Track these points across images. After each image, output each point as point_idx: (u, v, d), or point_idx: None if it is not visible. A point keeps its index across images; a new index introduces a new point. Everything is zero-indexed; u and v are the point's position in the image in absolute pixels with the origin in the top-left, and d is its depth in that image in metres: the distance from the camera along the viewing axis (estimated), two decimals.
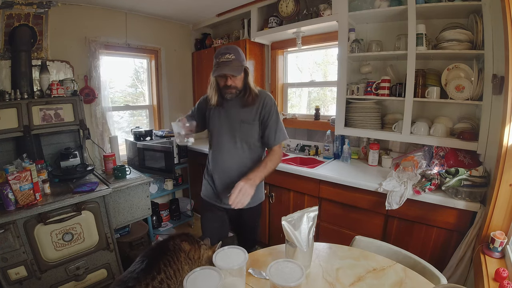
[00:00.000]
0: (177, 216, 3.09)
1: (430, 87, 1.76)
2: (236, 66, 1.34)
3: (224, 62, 1.32)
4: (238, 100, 1.44)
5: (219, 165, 1.51)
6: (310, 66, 2.92)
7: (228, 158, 1.48)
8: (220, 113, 1.49)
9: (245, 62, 1.39)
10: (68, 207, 1.74)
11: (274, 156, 1.45)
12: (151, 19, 2.97)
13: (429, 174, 1.62)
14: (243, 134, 1.45)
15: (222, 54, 1.33)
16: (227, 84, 1.37)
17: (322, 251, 1.10)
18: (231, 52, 1.34)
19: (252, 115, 1.44)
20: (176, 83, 3.31)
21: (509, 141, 1.19)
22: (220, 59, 1.33)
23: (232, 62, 1.33)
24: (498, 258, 1.18)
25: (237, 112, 1.45)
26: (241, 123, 1.44)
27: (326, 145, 2.45)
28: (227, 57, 1.32)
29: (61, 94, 2.13)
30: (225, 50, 1.34)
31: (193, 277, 0.75)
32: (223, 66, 1.32)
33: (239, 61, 1.36)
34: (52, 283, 1.74)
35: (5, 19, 2.03)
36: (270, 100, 1.47)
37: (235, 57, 1.33)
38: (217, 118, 1.49)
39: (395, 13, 1.86)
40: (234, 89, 1.39)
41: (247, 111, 1.44)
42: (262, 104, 1.44)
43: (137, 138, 2.70)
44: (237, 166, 1.47)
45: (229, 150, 1.47)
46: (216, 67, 1.35)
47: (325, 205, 1.98)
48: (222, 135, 1.47)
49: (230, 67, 1.32)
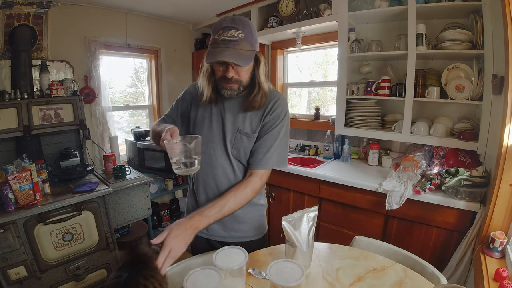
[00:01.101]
0: (177, 216, 3.09)
1: (430, 87, 1.76)
2: (245, 50, 0.90)
3: (226, 41, 0.88)
4: (239, 99, 1.04)
5: (206, 184, 1.09)
6: (310, 66, 2.92)
7: (222, 177, 1.07)
8: (212, 114, 1.07)
9: (257, 45, 0.96)
10: (68, 207, 1.74)
11: (245, 190, 0.98)
12: (151, 19, 2.96)
13: (429, 174, 1.62)
14: (238, 149, 1.04)
15: (225, 29, 0.88)
16: (227, 75, 0.94)
17: (322, 251, 1.10)
18: (238, 27, 0.88)
19: (255, 124, 1.03)
20: (176, 83, 3.30)
21: (509, 141, 1.19)
22: (222, 35, 0.88)
23: (238, 43, 0.88)
24: (498, 258, 1.18)
25: (236, 117, 1.04)
26: (239, 133, 1.03)
27: (326, 145, 2.45)
28: (231, 34, 0.88)
29: (61, 94, 2.13)
30: (231, 23, 0.89)
31: (193, 277, 0.75)
32: (223, 48, 0.88)
33: (251, 43, 0.92)
34: (52, 283, 1.74)
35: (5, 19, 2.03)
36: (281, 105, 1.04)
37: (244, 35, 0.89)
38: (208, 121, 1.07)
39: (395, 13, 1.86)
40: (236, 83, 0.97)
41: (250, 118, 1.03)
42: (270, 110, 1.02)
43: (137, 138, 2.70)
44: (229, 188, 1.03)
45: (223, 168, 1.06)
46: (213, 47, 0.90)
47: (325, 205, 1.98)
48: (214, 146, 1.06)
49: (234, 50, 0.88)
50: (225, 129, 1.05)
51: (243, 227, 1.13)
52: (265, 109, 1.03)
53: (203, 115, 1.09)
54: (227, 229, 1.12)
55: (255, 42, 0.95)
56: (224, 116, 1.05)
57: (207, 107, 1.08)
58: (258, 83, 1.01)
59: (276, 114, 1.02)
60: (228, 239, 1.12)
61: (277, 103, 1.03)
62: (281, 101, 1.05)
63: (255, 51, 0.96)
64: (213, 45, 0.90)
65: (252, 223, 1.15)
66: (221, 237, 1.12)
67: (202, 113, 1.09)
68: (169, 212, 3.04)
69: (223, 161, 1.06)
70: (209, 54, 0.91)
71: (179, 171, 0.90)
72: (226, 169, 1.07)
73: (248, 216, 1.13)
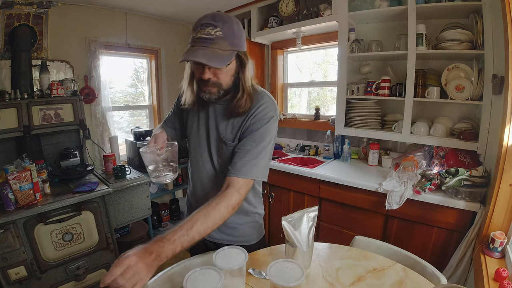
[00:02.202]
0: (177, 216, 3.09)
1: (430, 87, 1.76)
2: (222, 50, 0.81)
3: (202, 39, 0.80)
4: (224, 104, 0.96)
5: (196, 189, 1.08)
6: (310, 66, 2.92)
7: (207, 182, 1.03)
8: (199, 119, 1.01)
9: (240, 44, 0.87)
10: (68, 207, 1.74)
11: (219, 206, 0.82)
12: (151, 19, 2.96)
13: (429, 174, 1.62)
14: (222, 157, 0.99)
15: (202, 26, 0.81)
16: (203, 77, 0.86)
17: (322, 251, 1.10)
18: (217, 24, 0.81)
19: (235, 130, 0.95)
20: (176, 83, 3.26)
21: (509, 141, 1.19)
22: (198, 33, 0.81)
23: (215, 42, 0.80)
24: (498, 258, 1.18)
25: (219, 124, 0.97)
26: (218, 141, 0.97)
27: (326, 145, 2.45)
28: (208, 31, 0.80)
29: (61, 94, 2.13)
30: (210, 20, 0.81)
31: (193, 277, 0.75)
32: (198, 47, 0.80)
33: (229, 40, 0.83)
34: (52, 283, 1.74)
35: (5, 19, 2.03)
36: (266, 109, 0.93)
37: (222, 33, 0.81)
38: (195, 126, 1.02)
39: (395, 13, 1.86)
40: (215, 86, 0.88)
41: (232, 125, 0.95)
42: (251, 113, 0.93)
43: (137, 138, 2.70)
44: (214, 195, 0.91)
45: (208, 173, 1.02)
46: (190, 45, 0.83)
47: (325, 205, 1.98)
48: (202, 151, 1.02)
49: (209, 50, 0.80)
50: (209, 136, 0.99)
51: (234, 232, 1.09)
52: (248, 113, 0.93)
53: (192, 119, 1.04)
54: (219, 232, 1.07)
55: (238, 41, 0.86)
56: (209, 122, 0.99)
57: (195, 111, 1.02)
58: (242, 87, 0.91)
59: (259, 117, 0.92)
60: (221, 241, 1.08)
61: (262, 107, 0.93)
62: (267, 105, 0.94)
63: (235, 51, 0.86)
64: (191, 43, 0.83)
65: (244, 230, 1.09)
66: (214, 238, 1.09)
67: (192, 117, 1.04)
68: (169, 212, 3.04)
69: (209, 168, 1.02)
70: (185, 53, 0.83)
71: (153, 179, 0.88)
72: (212, 176, 1.02)
73: (240, 222, 1.08)
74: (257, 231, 1.15)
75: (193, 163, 1.06)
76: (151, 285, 0.91)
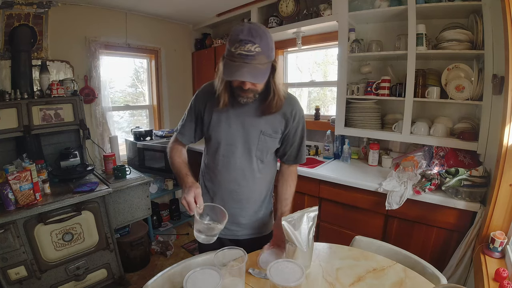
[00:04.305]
0: (177, 216, 3.09)
1: (430, 87, 1.76)
2: (262, 64, 0.89)
3: (243, 56, 0.86)
4: (255, 104, 1.07)
5: (226, 188, 1.15)
6: (310, 66, 2.92)
7: (241, 179, 1.13)
8: (229, 118, 1.09)
9: (273, 54, 0.95)
10: (68, 207, 1.74)
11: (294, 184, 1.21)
12: (151, 19, 2.96)
13: (429, 174, 1.62)
14: (261, 149, 1.11)
15: (241, 42, 0.86)
16: (243, 87, 0.97)
17: (322, 251, 1.10)
18: (255, 40, 0.86)
19: (275, 125, 1.10)
20: (176, 83, 3.30)
21: (509, 141, 1.19)
22: (238, 49, 0.86)
23: (255, 58, 0.86)
24: (498, 258, 1.18)
25: (256, 120, 1.08)
26: (262, 135, 1.09)
27: (326, 145, 2.44)
28: (248, 48, 0.85)
29: (61, 94, 2.13)
30: (247, 36, 0.85)
31: (193, 277, 0.75)
32: (241, 64, 0.87)
33: (266, 54, 0.89)
34: (52, 283, 1.74)
35: (5, 19, 2.03)
36: (300, 110, 1.14)
37: (261, 49, 0.86)
38: (225, 124, 1.09)
39: (395, 13, 1.85)
40: (252, 92, 1.00)
41: (270, 120, 1.09)
42: (291, 115, 1.10)
43: (137, 138, 2.70)
44: (250, 192, 1.16)
45: (243, 170, 1.12)
46: (231, 60, 0.89)
47: (325, 205, 1.98)
48: (234, 149, 1.10)
49: (251, 66, 0.87)
50: (247, 132, 1.09)
51: (263, 227, 1.24)
52: (286, 114, 1.09)
53: (219, 118, 1.10)
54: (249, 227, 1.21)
55: (272, 52, 0.93)
56: (244, 120, 1.08)
57: (223, 111, 1.08)
58: (273, 90, 1.02)
59: (299, 120, 1.13)
60: (241, 236, 1.21)
61: (296, 109, 1.11)
62: (299, 107, 1.14)
63: (271, 62, 0.95)
64: (230, 58, 0.90)
65: (268, 220, 1.27)
66: (233, 235, 1.20)
67: (218, 116, 1.10)
68: (169, 212, 3.04)
69: (244, 162, 1.12)
70: (226, 67, 0.91)
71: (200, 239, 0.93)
72: (245, 170, 1.13)
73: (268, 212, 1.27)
74: (272, 220, 1.30)
75: (221, 162, 1.13)
76: (151, 285, 0.91)
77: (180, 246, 2.73)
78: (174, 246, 2.67)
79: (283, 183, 1.21)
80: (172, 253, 2.58)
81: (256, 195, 1.19)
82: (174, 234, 2.88)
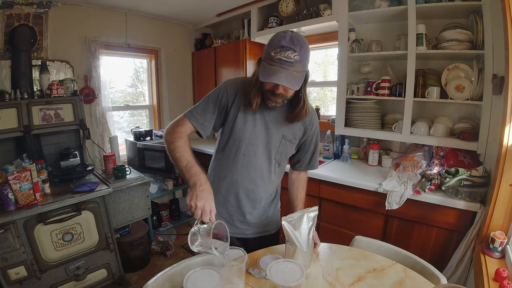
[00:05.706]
0: (177, 216, 3.09)
1: (430, 87, 1.76)
2: (298, 72, 0.92)
3: (282, 61, 0.89)
4: (283, 109, 1.10)
5: (244, 187, 1.15)
6: (310, 66, 2.92)
7: (259, 179, 1.16)
8: (254, 119, 1.10)
9: (308, 63, 0.99)
10: (68, 207, 1.74)
11: (304, 190, 1.29)
12: (151, 19, 2.96)
13: (429, 174, 1.62)
14: (280, 152, 1.16)
15: (283, 48, 0.89)
16: (276, 91, 0.97)
17: (322, 251, 1.10)
18: (296, 48, 0.89)
19: (295, 131, 1.15)
20: (176, 83, 3.31)
21: (509, 141, 1.19)
22: (278, 54, 0.89)
23: (293, 65, 0.90)
24: (498, 258, 1.18)
25: (280, 126, 1.12)
26: (284, 140, 1.14)
27: (326, 145, 2.44)
28: (288, 55, 0.89)
29: (61, 94, 2.13)
30: (289, 43, 0.89)
31: (193, 277, 0.75)
32: (278, 68, 0.89)
33: (303, 63, 0.93)
34: (52, 283, 1.74)
35: (5, 19, 2.03)
36: (317, 120, 1.21)
37: (299, 58, 0.90)
38: (250, 125, 1.10)
39: (395, 13, 1.85)
40: (282, 98, 1.01)
41: (291, 126, 1.13)
42: (310, 124, 1.17)
43: (137, 138, 2.70)
44: (264, 192, 1.20)
45: (261, 170, 1.15)
46: (268, 63, 0.92)
47: (325, 205, 1.98)
48: (255, 149, 1.12)
49: (288, 72, 0.90)
50: (270, 135, 1.12)
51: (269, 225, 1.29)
52: (306, 123, 1.16)
53: (244, 118, 1.09)
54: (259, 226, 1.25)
55: (308, 62, 0.97)
56: (268, 123, 1.11)
57: (248, 111, 1.09)
58: (303, 99, 1.06)
59: (315, 128, 1.20)
60: (249, 235, 1.23)
61: (314, 118, 1.19)
62: (316, 116, 1.21)
63: (306, 71, 0.98)
64: (268, 61, 0.92)
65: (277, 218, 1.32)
66: (242, 234, 1.22)
67: (243, 116, 1.09)
68: (169, 212, 3.04)
69: (263, 163, 1.15)
70: (263, 69, 0.93)
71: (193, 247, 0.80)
72: (263, 171, 1.16)
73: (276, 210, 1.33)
74: (278, 209, 1.36)
75: (239, 161, 1.13)
76: (151, 285, 0.91)
77: (180, 246, 2.73)
78: (174, 246, 2.67)
79: (295, 189, 1.29)
80: (172, 253, 2.59)
81: (268, 196, 1.23)
82: (174, 234, 2.88)
